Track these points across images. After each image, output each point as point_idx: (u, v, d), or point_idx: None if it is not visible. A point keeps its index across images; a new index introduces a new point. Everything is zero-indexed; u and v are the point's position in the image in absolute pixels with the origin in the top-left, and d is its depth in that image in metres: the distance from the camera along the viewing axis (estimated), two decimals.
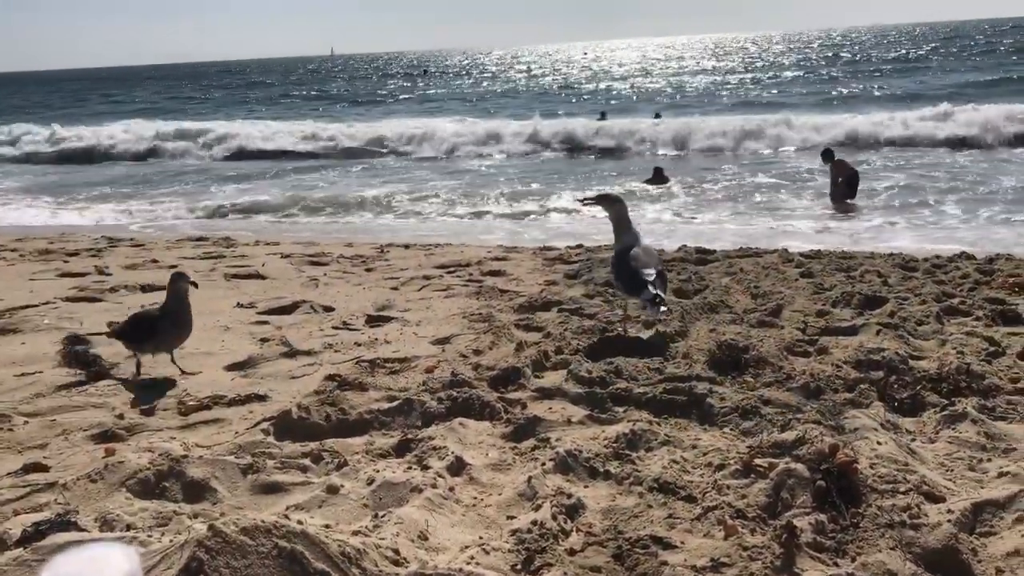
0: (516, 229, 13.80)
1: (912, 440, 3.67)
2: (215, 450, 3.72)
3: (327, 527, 2.78)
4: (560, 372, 4.71)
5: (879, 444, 3.40)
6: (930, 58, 62.15)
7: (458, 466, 3.45)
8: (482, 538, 2.91)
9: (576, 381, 4.51)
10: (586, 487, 3.30)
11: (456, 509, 3.14)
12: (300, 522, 2.64)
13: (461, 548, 2.85)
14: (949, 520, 2.87)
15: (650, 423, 3.88)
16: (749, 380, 4.53)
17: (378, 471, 3.39)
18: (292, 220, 16.03)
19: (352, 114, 43.22)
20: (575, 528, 2.97)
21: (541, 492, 3.17)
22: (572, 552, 2.83)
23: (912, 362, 4.70)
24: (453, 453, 3.53)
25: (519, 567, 2.74)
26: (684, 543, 2.86)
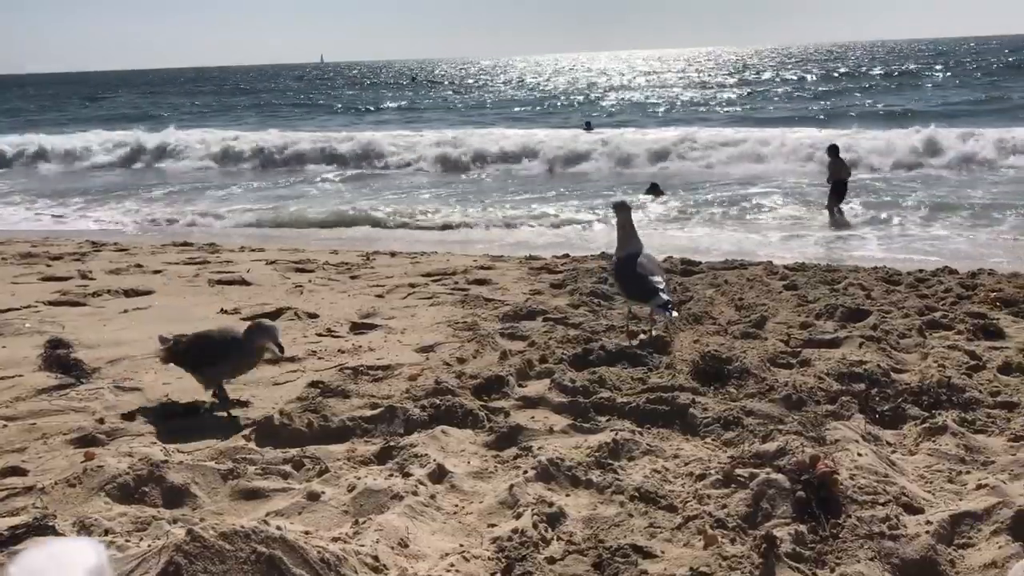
0: (503, 238, 13.80)
1: (892, 452, 3.70)
2: (196, 455, 3.70)
3: (307, 533, 2.76)
4: (544, 381, 4.72)
5: (859, 455, 3.42)
6: (922, 74, 62.69)
7: (440, 474, 3.45)
8: (463, 546, 2.91)
9: (560, 390, 4.52)
10: (568, 496, 3.30)
11: (437, 517, 3.13)
12: (279, 528, 2.63)
13: (441, 556, 2.84)
14: (927, 531, 2.89)
15: (633, 433, 3.89)
16: (732, 391, 4.55)
17: (359, 478, 3.38)
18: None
19: (336, 124, 42.87)
20: (556, 537, 2.97)
21: (522, 500, 3.17)
22: (552, 560, 2.83)
23: (894, 375, 4.74)
24: (435, 461, 3.52)
25: (499, 575, 2.74)
26: (664, 552, 2.87)
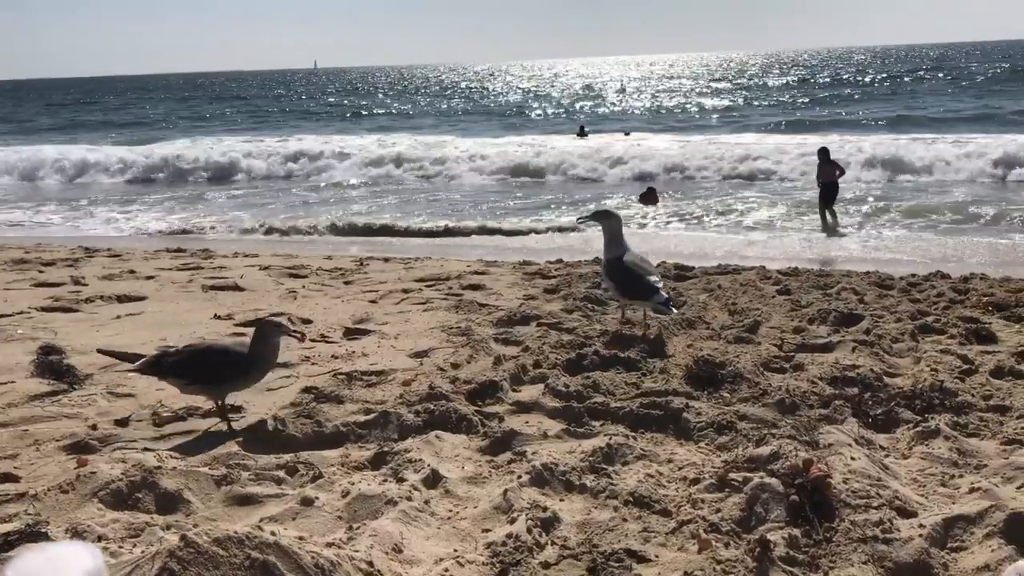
0: (497, 244, 13.80)
1: (885, 456, 3.71)
2: (189, 461, 3.69)
3: (301, 539, 2.76)
4: (538, 386, 4.72)
5: (853, 459, 3.43)
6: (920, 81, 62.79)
7: (434, 479, 3.44)
8: (457, 551, 2.91)
9: (554, 395, 4.52)
10: (562, 500, 3.30)
11: (431, 522, 3.13)
12: (273, 533, 2.62)
13: (435, 561, 2.84)
14: (921, 535, 2.90)
15: (626, 437, 3.89)
16: (725, 395, 4.56)
17: (353, 483, 3.37)
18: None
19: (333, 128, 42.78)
20: (550, 541, 2.97)
21: (517, 505, 3.17)
22: (547, 565, 2.83)
23: (887, 379, 4.75)
24: (429, 466, 3.52)
25: None
26: (658, 557, 2.87)
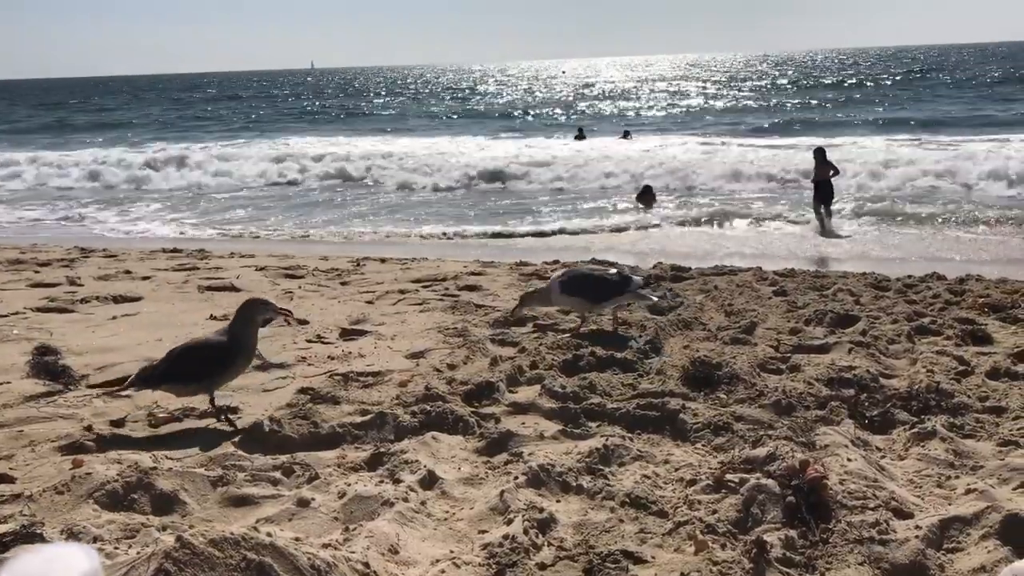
0: (493, 245, 13.79)
1: (882, 457, 3.71)
2: (185, 462, 3.68)
3: (297, 540, 2.75)
4: (534, 387, 4.72)
5: (849, 461, 3.44)
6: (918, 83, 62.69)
7: (430, 480, 3.44)
8: (453, 552, 2.91)
9: (550, 396, 4.52)
10: (558, 501, 3.30)
11: (427, 523, 3.13)
12: (269, 534, 2.61)
13: (432, 562, 2.84)
14: (917, 536, 2.90)
15: (623, 438, 3.89)
16: (722, 396, 4.56)
17: (349, 484, 3.37)
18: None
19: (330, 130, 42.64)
20: (547, 542, 2.96)
21: (513, 506, 3.16)
22: (543, 566, 2.82)
23: (883, 380, 4.76)
24: (425, 467, 3.51)
25: None
26: (655, 558, 2.87)
